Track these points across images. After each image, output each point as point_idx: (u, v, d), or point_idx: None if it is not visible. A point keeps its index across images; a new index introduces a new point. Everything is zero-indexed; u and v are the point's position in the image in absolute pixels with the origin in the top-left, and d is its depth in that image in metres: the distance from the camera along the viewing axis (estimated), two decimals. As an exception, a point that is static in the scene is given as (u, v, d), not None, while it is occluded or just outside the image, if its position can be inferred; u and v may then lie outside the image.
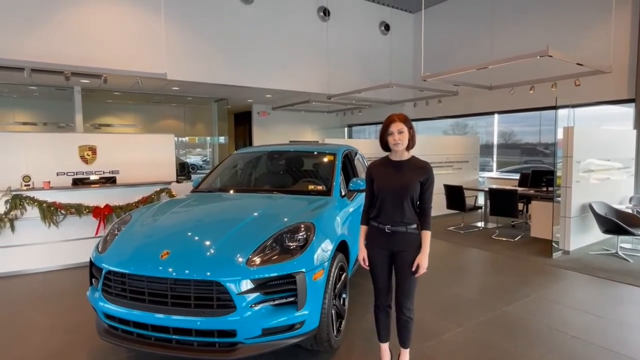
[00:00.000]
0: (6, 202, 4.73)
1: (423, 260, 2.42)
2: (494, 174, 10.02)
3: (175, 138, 7.59)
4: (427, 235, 2.45)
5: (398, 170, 2.45)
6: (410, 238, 2.45)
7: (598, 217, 5.55)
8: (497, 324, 3.43)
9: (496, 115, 9.81)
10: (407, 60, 11.00)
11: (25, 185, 5.02)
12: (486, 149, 10.39)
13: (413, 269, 2.43)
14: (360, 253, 2.58)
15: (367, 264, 2.56)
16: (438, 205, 8.01)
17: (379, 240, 2.49)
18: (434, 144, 8.67)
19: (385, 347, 2.70)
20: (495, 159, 10.33)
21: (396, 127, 2.40)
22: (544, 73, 7.67)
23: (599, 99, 7.40)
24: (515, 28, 8.68)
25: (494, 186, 7.42)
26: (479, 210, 7.71)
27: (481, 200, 7.89)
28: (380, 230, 2.47)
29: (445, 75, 7.21)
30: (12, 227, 4.78)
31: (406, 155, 2.50)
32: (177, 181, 6.34)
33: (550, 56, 5.65)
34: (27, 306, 3.92)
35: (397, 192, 2.40)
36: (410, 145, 2.46)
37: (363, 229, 2.58)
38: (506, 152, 10.53)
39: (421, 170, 2.45)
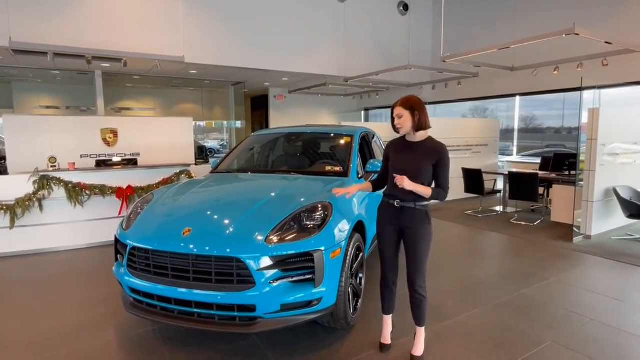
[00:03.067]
0: (34, 182, 4.91)
1: (409, 182, 2.39)
2: (514, 158, 9.82)
3: (193, 122, 7.69)
4: (428, 189, 2.44)
5: (411, 152, 2.51)
6: (419, 214, 2.50)
7: (622, 201, 5.40)
8: (513, 306, 3.43)
9: (518, 98, 9.54)
10: (426, 41, 10.75)
11: (52, 167, 5.19)
12: (507, 134, 10.17)
13: (396, 177, 2.42)
14: (350, 188, 2.66)
15: (336, 193, 2.63)
16: (456, 189, 7.93)
17: (389, 216, 2.56)
18: (453, 127, 8.53)
19: (387, 318, 2.78)
20: (515, 143, 10.10)
21: (396, 111, 2.49)
22: (570, 53, 7.40)
23: (628, 79, 7.10)
24: (540, 5, 8.35)
25: (513, 170, 7.28)
26: (498, 195, 7.60)
27: (500, 184, 7.77)
28: (390, 206, 2.54)
29: (465, 56, 7.04)
30: (41, 207, 4.97)
31: (419, 137, 2.53)
32: (196, 164, 6.44)
33: (576, 34, 5.44)
34: (57, 281, 4.11)
35: (407, 174, 2.44)
36: (418, 127, 2.48)
37: (368, 183, 2.74)
38: (527, 137, 10.28)
39: (433, 152, 2.47)
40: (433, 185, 2.51)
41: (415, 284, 2.52)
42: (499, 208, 7.58)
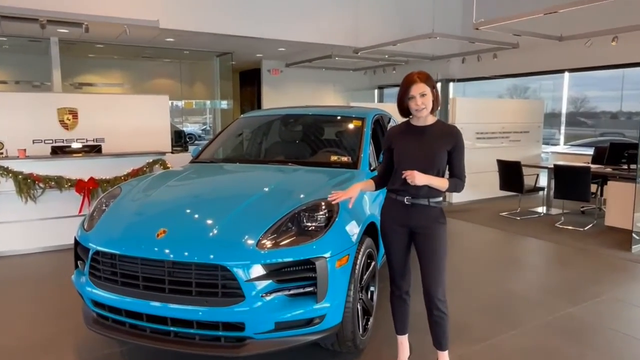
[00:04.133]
0: (-23, 172, 4.92)
1: (422, 176, 2.39)
2: (561, 148, 9.79)
3: (170, 102, 7.70)
4: (444, 180, 2.49)
5: (422, 138, 2.54)
6: (433, 213, 2.53)
7: (693, 202, 5.37)
8: (558, 328, 3.43)
9: (566, 75, 9.49)
10: (454, 4, 10.66)
11: (-2, 154, 5.21)
12: (552, 118, 10.13)
13: (404, 173, 2.42)
14: (350, 191, 2.63)
15: (334, 198, 2.61)
16: (489, 185, 7.92)
17: (397, 215, 2.58)
18: (486, 110, 8.49)
19: (403, 340, 2.79)
20: (563, 130, 10.07)
21: (418, 89, 2.46)
22: (631, 20, 7.33)
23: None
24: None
25: (560, 162, 7.26)
26: (540, 193, 7.59)
27: (543, 180, 7.75)
28: (398, 203, 2.56)
29: (503, 22, 6.99)
30: (-15, 202, 5.00)
31: (430, 120, 2.57)
32: (172, 152, 6.46)
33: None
34: (5, 292, 4.14)
35: (421, 163, 2.47)
36: (435, 107, 2.54)
37: (370, 180, 2.76)
38: (577, 123, 10.23)
39: (448, 137, 2.53)
40: (447, 176, 2.55)
41: (433, 297, 2.53)
42: (541, 209, 7.57)
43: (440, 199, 2.56)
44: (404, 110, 2.56)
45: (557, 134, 10.23)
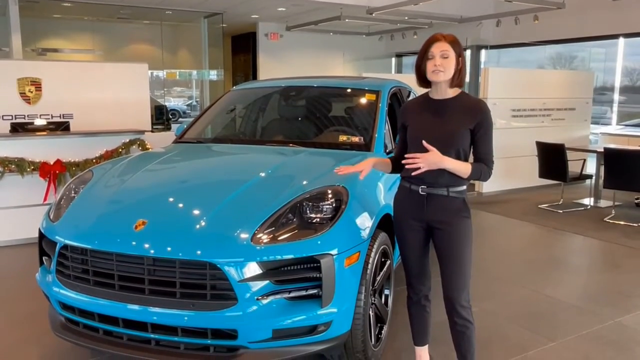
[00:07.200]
0: None
1: (440, 157, 2.37)
2: (613, 128, 9.73)
3: (150, 71, 7.69)
4: (467, 165, 2.45)
5: (440, 113, 2.52)
6: (453, 205, 2.51)
7: None
8: (606, 340, 3.44)
9: (621, 41, 9.40)
10: (488, -45, 10.55)
11: (-51, 132, 5.24)
12: (603, 93, 10.06)
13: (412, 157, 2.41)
14: (362, 165, 2.70)
15: (341, 170, 2.72)
16: (527, 172, 7.90)
17: (411, 208, 2.58)
18: (524, 83, 8.44)
19: (422, 352, 2.83)
20: (616, 107, 10.00)
21: (439, 48, 2.44)
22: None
23: None
24: None
25: (612, 145, 7.22)
26: (587, 181, 7.59)
27: (591, 166, 7.72)
28: (412, 194, 2.55)
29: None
30: None
31: (451, 92, 2.55)
32: (152, 130, 6.48)
33: None
34: (-42, 293, 4.19)
35: (437, 143, 2.43)
36: (456, 80, 2.50)
37: (387, 160, 2.81)
38: (633, 99, 10.15)
39: (471, 112, 2.49)
40: (471, 160, 2.52)
41: (455, 303, 2.54)
42: (588, 201, 7.57)
43: (463, 188, 2.54)
44: (422, 76, 2.54)
45: (608, 111, 10.18)
